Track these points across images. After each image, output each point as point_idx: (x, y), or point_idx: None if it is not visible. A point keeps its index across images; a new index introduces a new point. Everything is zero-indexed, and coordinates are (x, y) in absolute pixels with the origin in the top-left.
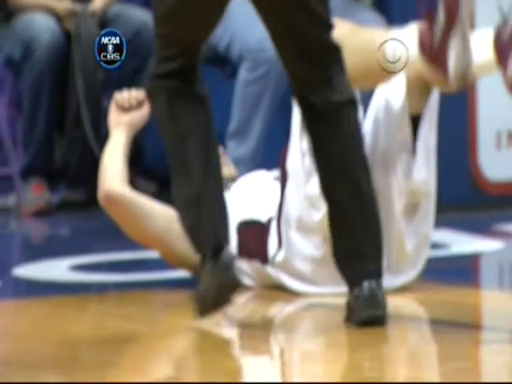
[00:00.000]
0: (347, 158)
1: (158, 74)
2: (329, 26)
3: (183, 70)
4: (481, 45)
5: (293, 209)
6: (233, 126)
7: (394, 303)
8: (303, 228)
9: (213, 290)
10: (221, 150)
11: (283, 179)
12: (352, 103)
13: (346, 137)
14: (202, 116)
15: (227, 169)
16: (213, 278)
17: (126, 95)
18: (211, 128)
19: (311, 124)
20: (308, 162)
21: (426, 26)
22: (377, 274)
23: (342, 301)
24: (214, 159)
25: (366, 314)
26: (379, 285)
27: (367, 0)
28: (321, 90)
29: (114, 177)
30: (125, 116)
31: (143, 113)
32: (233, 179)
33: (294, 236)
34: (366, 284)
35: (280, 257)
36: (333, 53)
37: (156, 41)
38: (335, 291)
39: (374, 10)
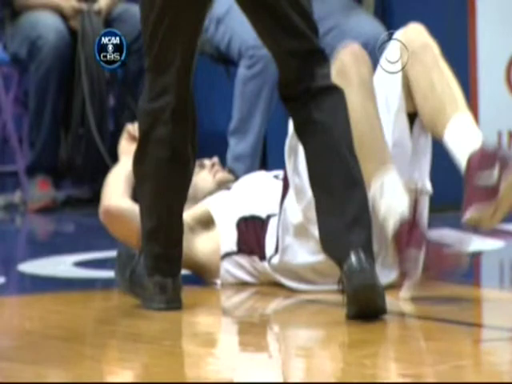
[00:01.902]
0: (333, 138)
1: (150, 110)
2: (317, 29)
3: (175, 106)
4: (462, 142)
5: (292, 217)
6: (233, 123)
7: (394, 300)
8: (301, 234)
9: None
10: (215, 158)
11: (285, 186)
12: (333, 88)
13: (329, 119)
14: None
15: (221, 174)
16: (158, 304)
17: (137, 126)
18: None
19: (294, 113)
20: (298, 181)
21: (404, 235)
22: (364, 245)
23: (341, 297)
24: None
25: (355, 284)
26: (368, 255)
27: (370, 8)
28: (305, 82)
29: (113, 193)
30: (135, 146)
31: None
32: (229, 182)
33: (291, 242)
34: (352, 255)
35: (275, 260)
36: (322, 54)
37: (146, 76)
38: (334, 288)
39: (374, 18)
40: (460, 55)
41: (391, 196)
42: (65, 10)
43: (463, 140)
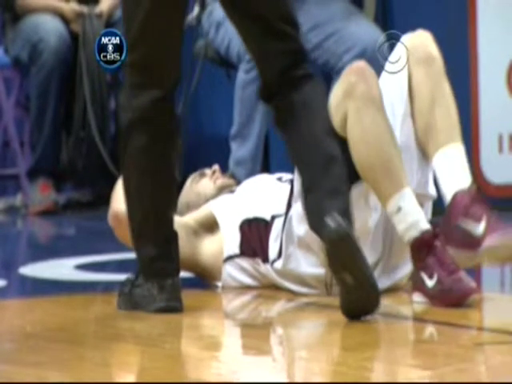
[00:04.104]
0: (310, 118)
1: (131, 107)
2: (300, 29)
3: (156, 101)
4: (450, 174)
5: (296, 227)
6: (234, 128)
7: (396, 304)
8: (304, 247)
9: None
10: (215, 166)
11: (292, 191)
12: (311, 75)
13: (307, 100)
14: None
15: (222, 180)
16: (157, 303)
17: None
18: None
19: (277, 106)
20: (300, 206)
21: (424, 245)
22: (340, 209)
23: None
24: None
25: (331, 237)
26: (344, 216)
27: (370, 13)
28: (287, 74)
29: (122, 198)
30: None
31: None
32: (230, 186)
33: (295, 251)
34: (328, 220)
35: (278, 265)
36: (305, 54)
37: (126, 71)
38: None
39: (374, 24)
40: (461, 59)
41: (410, 215)
42: (66, 14)
43: (452, 173)
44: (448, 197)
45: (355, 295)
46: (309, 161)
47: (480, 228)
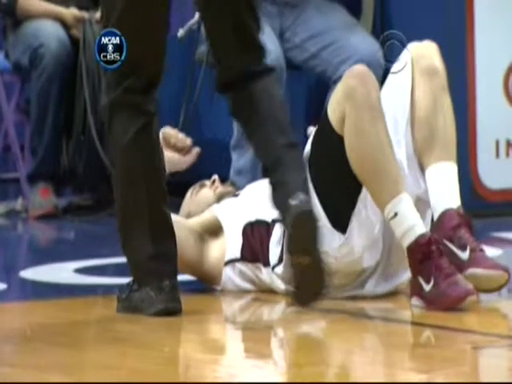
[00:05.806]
0: (273, 107)
1: (112, 100)
2: (262, 27)
3: (131, 89)
4: (441, 191)
5: None
6: (234, 138)
7: (394, 308)
8: None
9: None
10: (215, 176)
11: None
12: (269, 70)
13: (265, 90)
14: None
15: (222, 189)
16: (156, 306)
17: (173, 132)
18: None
19: (234, 96)
20: None
21: (420, 250)
22: (304, 187)
23: (343, 304)
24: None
25: (295, 211)
26: (305, 193)
27: (368, 24)
28: (247, 67)
29: None
30: (168, 151)
31: (185, 159)
32: (229, 194)
33: None
34: (292, 200)
35: (279, 270)
36: (264, 49)
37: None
38: (336, 295)
39: (371, 35)
40: (458, 64)
41: (406, 220)
42: (66, 19)
43: (442, 190)
44: (436, 214)
45: (308, 275)
46: (271, 138)
47: (464, 255)
